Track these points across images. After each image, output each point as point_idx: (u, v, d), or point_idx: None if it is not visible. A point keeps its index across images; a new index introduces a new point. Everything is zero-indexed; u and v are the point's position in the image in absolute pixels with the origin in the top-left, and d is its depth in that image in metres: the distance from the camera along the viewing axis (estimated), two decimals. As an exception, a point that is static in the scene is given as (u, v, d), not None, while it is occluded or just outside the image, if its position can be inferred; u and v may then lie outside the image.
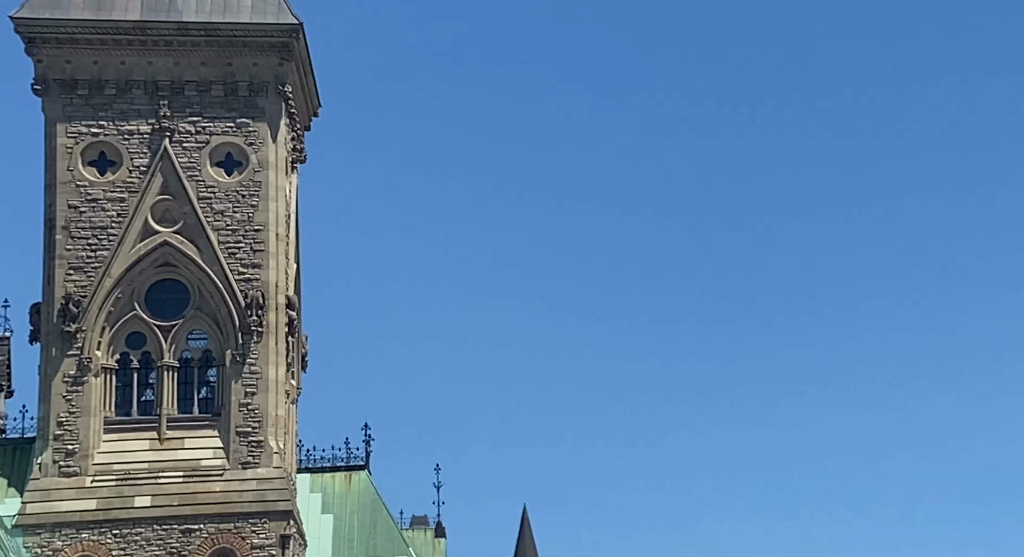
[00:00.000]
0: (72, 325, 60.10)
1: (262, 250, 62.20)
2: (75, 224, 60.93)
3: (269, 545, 59.53)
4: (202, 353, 61.99)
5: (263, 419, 60.90)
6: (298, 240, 66.67)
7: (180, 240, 61.47)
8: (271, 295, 62.16)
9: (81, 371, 60.21)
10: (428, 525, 73.25)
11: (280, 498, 59.97)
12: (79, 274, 60.74)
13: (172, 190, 61.71)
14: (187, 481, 59.51)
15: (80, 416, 59.85)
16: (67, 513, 58.36)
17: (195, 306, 61.64)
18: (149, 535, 58.76)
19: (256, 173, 62.65)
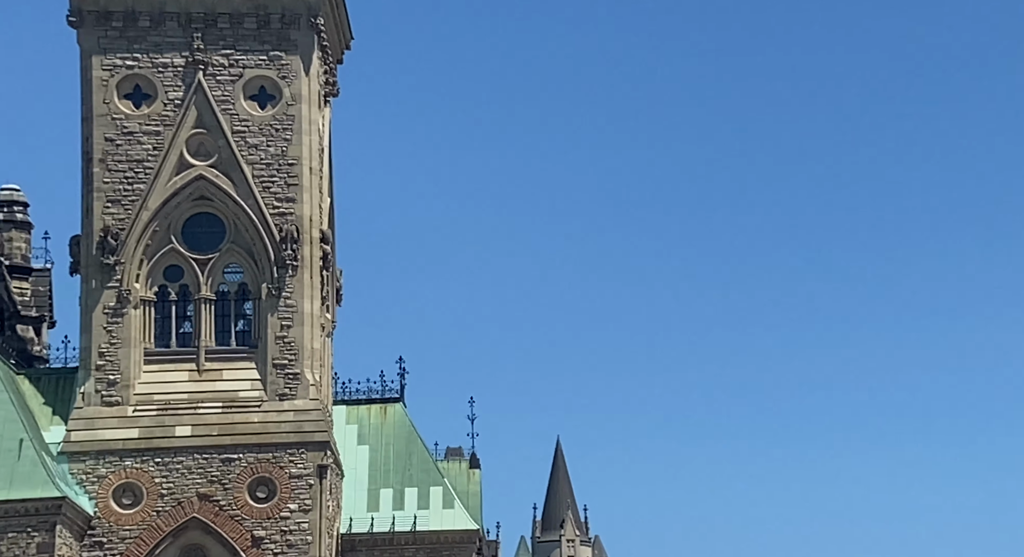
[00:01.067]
0: (111, 258, 61.73)
1: (296, 184, 63.57)
2: (112, 157, 62.41)
3: (307, 475, 61.30)
4: (238, 286, 63.59)
5: (299, 352, 62.53)
6: (331, 174, 68.00)
7: (215, 174, 62.87)
8: (305, 229, 63.58)
9: (121, 303, 61.91)
10: (462, 457, 74.96)
11: (317, 429, 61.68)
12: (116, 207, 62.31)
13: (206, 123, 63.06)
14: (226, 412, 61.26)
15: (121, 347, 61.61)
16: (110, 441, 60.27)
17: (231, 240, 63.15)
18: (190, 464, 60.62)
19: (289, 107, 63.92)
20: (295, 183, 63.62)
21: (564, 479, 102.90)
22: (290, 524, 60.74)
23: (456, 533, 66.23)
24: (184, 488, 60.43)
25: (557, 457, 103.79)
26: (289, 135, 63.79)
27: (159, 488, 60.37)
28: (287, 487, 60.93)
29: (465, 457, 74.78)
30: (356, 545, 65.38)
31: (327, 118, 68.06)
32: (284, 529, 60.64)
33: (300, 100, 64.01)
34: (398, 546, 65.69)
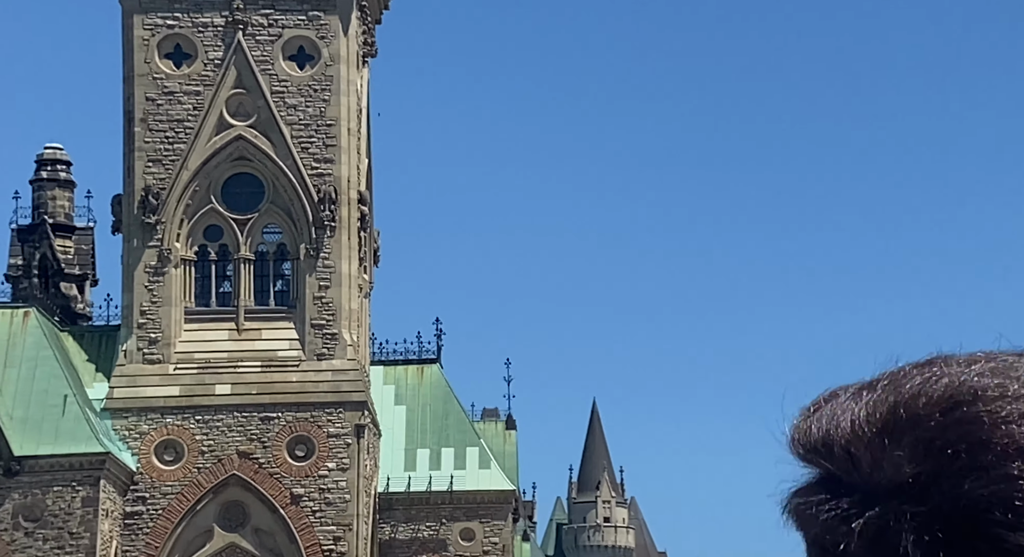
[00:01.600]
0: (152, 217, 62.85)
1: (334, 145, 64.43)
2: (152, 117, 63.42)
3: (344, 434, 62.37)
4: (277, 247, 64.61)
5: (337, 312, 63.54)
6: (369, 135, 68.80)
7: (254, 134, 63.79)
8: (343, 190, 64.47)
9: (161, 262, 63.05)
10: (498, 418, 75.97)
11: (354, 389, 62.72)
12: (157, 167, 63.36)
13: (246, 84, 63.92)
14: (265, 371, 62.39)
15: (162, 305, 62.79)
16: (151, 398, 61.53)
17: (269, 200, 64.11)
18: (230, 422, 61.82)
19: (328, 67, 64.69)
20: (333, 144, 64.47)
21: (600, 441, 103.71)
22: (328, 482, 61.86)
23: (492, 493, 67.24)
24: (224, 445, 61.65)
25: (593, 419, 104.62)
26: (327, 96, 64.58)
27: (200, 445, 61.62)
28: (325, 446, 62.02)
29: (501, 418, 75.78)
30: (393, 504, 66.49)
31: (365, 78, 68.77)
32: (322, 487, 61.78)
33: (339, 60, 64.77)
34: (435, 505, 66.76)
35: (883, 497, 1.31)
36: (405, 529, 66.55)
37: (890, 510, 1.30)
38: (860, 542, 1.30)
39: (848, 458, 1.32)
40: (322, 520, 61.41)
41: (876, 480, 1.31)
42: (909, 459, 1.31)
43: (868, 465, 1.31)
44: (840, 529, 1.31)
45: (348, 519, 61.67)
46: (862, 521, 1.30)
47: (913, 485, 1.31)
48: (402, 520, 66.57)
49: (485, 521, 67.07)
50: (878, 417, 1.33)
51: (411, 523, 66.63)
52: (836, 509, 1.31)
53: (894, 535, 1.30)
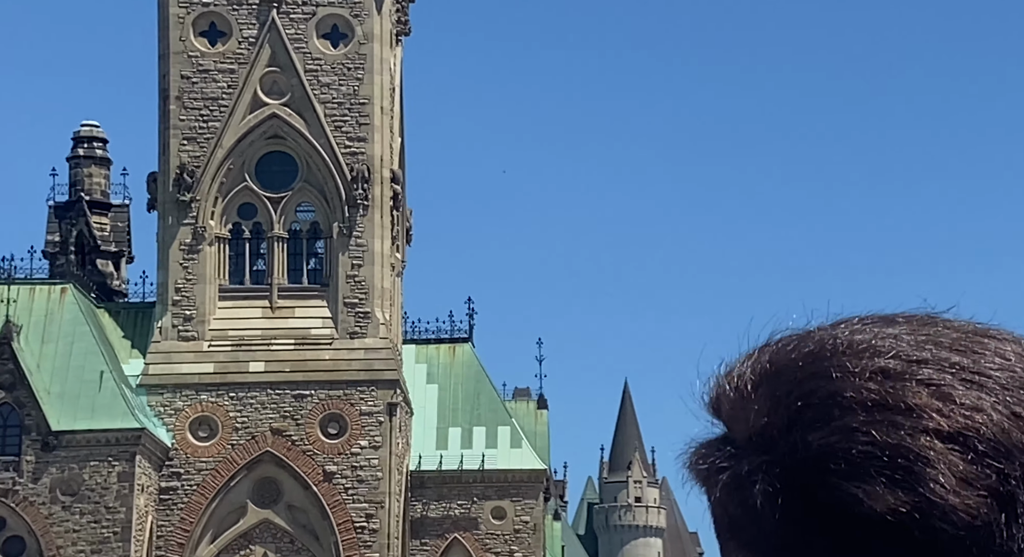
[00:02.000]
0: (187, 194, 63.75)
1: (367, 123, 65.16)
2: (188, 95, 64.26)
3: (377, 412, 63.23)
4: (310, 225, 65.43)
5: (369, 291, 64.36)
6: (402, 114, 69.49)
7: (288, 113, 64.57)
8: (376, 169, 65.22)
9: (196, 239, 63.97)
10: (530, 397, 76.70)
11: (387, 367, 63.55)
12: (192, 145, 64.22)
13: (280, 62, 64.69)
14: (298, 348, 63.28)
15: (196, 283, 63.72)
16: (186, 375, 62.51)
17: (303, 179, 64.92)
18: (263, 399, 62.76)
19: (361, 45, 65.38)
20: (366, 123, 65.19)
21: (632, 421, 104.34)
22: (360, 460, 62.74)
23: (524, 472, 68.00)
24: (258, 422, 62.59)
25: (625, 399, 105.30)
26: (361, 74, 65.28)
27: (233, 422, 62.57)
28: (358, 424, 62.89)
29: (533, 398, 76.53)
30: (425, 482, 67.34)
31: (399, 57, 69.41)
32: (355, 465, 62.67)
33: (372, 39, 65.43)
34: (466, 484, 67.57)
35: (741, 448, 1.37)
36: (436, 507, 67.40)
37: (746, 461, 1.36)
38: (724, 493, 1.38)
39: (727, 413, 1.39)
40: (354, 497, 62.30)
41: (739, 432, 1.38)
42: (763, 411, 1.37)
43: (735, 418, 1.38)
44: (712, 480, 1.39)
45: (380, 497, 62.55)
46: (728, 473, 1.37)
47: (765, 435, 1.36)
48: (433, 498, 67.40)
49: (516, 500, 67.85)
50: (755, 372, 1.40)
51: (442, 501, 67.48)
52: (711, 462, 1.39)
53: (748, 485, 1.36)
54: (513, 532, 67.71)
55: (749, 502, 1.35)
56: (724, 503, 1.38)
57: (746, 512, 1.35)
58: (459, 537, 67.36)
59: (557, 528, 79.57)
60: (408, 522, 66.14)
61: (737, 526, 1.37)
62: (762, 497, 1.35)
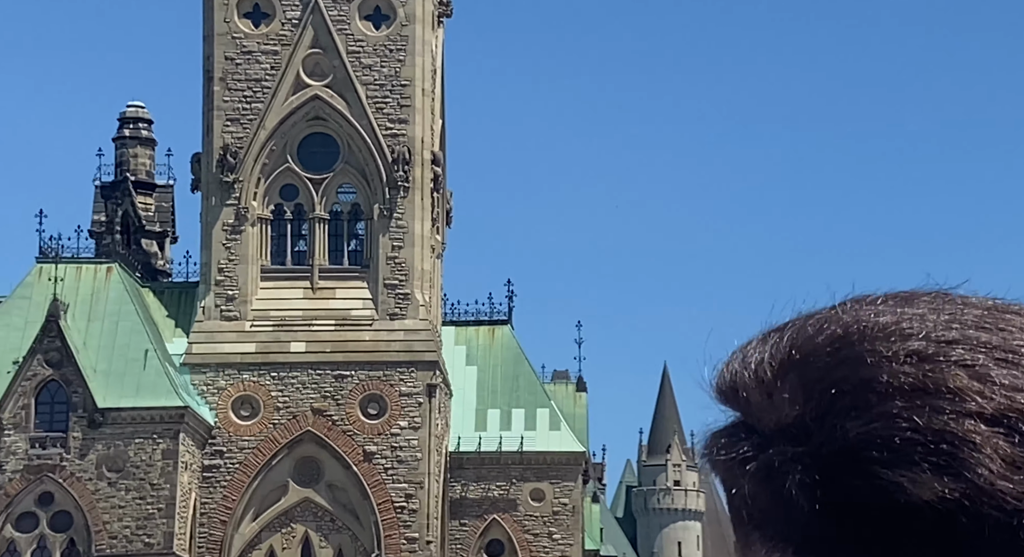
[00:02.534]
0: (230, 175, 64.99)
1: (408, 105, 66.20)
2: (231, 76, 65.46)
3: (416, 393, 64.39)
4: (351, 206, 66.60)
5: (409, 272, 65.49)
6: (443, 96, 70.45)
7: (330, 94, 65.69)
8: (417, 151, 66.27)
9: (239, 220, 65.24)
10: (569, 380, 77.64)
11: (426, 349, 64.68)
12: (235, 126, 65.43)
13: (322, 43, 65.78)
14: (338, 329, 64.51)
15: (239, 263, 65.01)
16: (229, 355, 63.83)
17: (344, 160, 66.06)
18: (304, 379, 64.04)
19: (403, 27, 66.38)
20: (408, 104, 66.21)
21: (671, 405, 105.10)
22: (400, 441, 63.91)
23: (562, 455, 69.00)
24: (299, 402, 63.87)
25: (664, 382, 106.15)
26: (403, 56, 66.27)
27: (275, 401, 63.87)
28: (397, 405, 64.06)
29: (572, 380, 77.49)
30: (464, 463, 68.45)
31: (440, 38, 70.32)
32: (394, 445, 63.85)
33: (414, 20, 66.40)
34: (505, 465, 68.64)
35: (772, 439, 1.33)
36: (475, 488, 68.48)
37: (776, 452, 1.32)
38: (752, 484, 1.34)
39: (748, 401, 1.35)
40: (394, 477, 63.48)
41: (766, 422, 1.34)
42: (794, 400, 1.33)
43: (761, 407, 1.34)
44: (736, 472, 1.35)
45: (419, 477, 63.70)
46: (755, 464, 1.33)
47: (797, 425, 1.32)
48: (472, 479, 68.47)
49: (555, 482, 68.84)
50: (776, 359, 1.35)
51: (481, 482, 68.54)
52: (735, 452, 1.34)
53: (780, 476, 1.32)
54: (552, 514, 68.71)
55: (782, 494, 1.32)
56: (752, 495, 1.35)
57: (777, 504, 1.33)
58: (498, 518, 68.45)
59: (596, 511, 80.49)
60: (447, 503, 67.28)
61: (765, 519, 1.34)
62: (797, 489, 1.32)
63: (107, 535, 59.54)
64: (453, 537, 67.75)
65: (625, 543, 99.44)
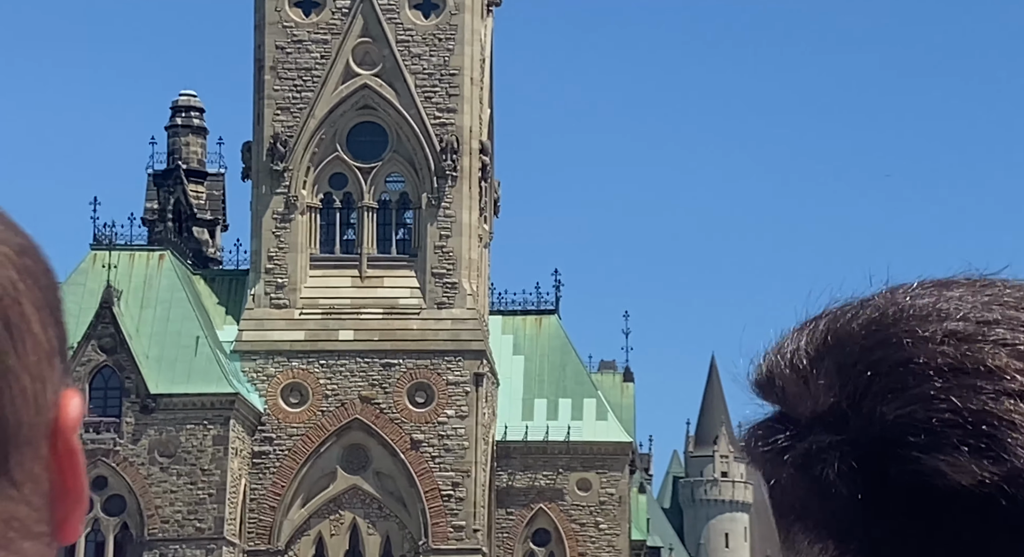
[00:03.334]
0: (280, 164, 66.43)
1: (457, 94, 67.44)
2: (282, 65, 66.88)
3: (463, 382, 65.70)
4: (399, 195, 67.94)
5: (457, 261, 66.76)
6: (492, 85, 71.62)
7: (379, 83, 67.02)
8: (465, 140, 67.50)
9: (288, 209, 66.70)
10: (616, 370, 78.70)
11: (474, 338, 65.97)
12: (285, 115, 66.86)
13: (372, 32, 67.08)
14: (386, 318, 65.90)
15: (288, 251, 66.49)
16: (278, 342, 65.35)
17: (392, 149, 67.39)
18: (352, 367, 65.47)
19: (453, 16, 67.58)
20: (456, 93, 67.43)
21: (719, 396, 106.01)
22: (447, 429, 65.22)
23: (609, 445, 70.10)
24: (347, 390, 65.30)
25: (712, 373, 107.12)
26: (452, 45, 67.47)
27: (323, 389, 65.34)
28: (444, 393, 65.38)
29: (619, 370, 78.56)
30: (510, 452, 69.66)
31: (489, 28, 71.44)
32: (441, 434, 65.17)
33: (463, 9, 67.56)
34: (551, 455, 69.81)
35: (809, 427, 1.32)
36: (522, 477, 69.68)
37: (813, 440, 1.31)
38: (790, 474, 1.32)
39: (784, 390, 1.34)
40: (441, 465, 64.79)
41: (803, 410, 1.33)
42: (830, 385, 1.31)
43: (797, 396, 1.33)
44: (775, 462, 1.33)
45: (466, 465, 64.99)
46: (792, 454, 1.32)
47: (833, 412, 1.31)
48: (519, 468, 69.67)
49: (601, 472, 69.94)
50: (812, 346, 1.34)
51: (528, 471, 69.72)
52: (773, 443, 1.33)
53: (817, 465, 1.30)
54: (598, 504, 69.80)
55: (820, 482, 1.30)
56: (790, 485, 1.33)
57: (816, 493, 1.31)
58: (544, 507, 69.62)
59: (642, 501, 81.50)
60: (494, 491, 68.55)
61: (805, 509, 1.32)
62: (835, 476, 1.29)
63: (159, 519, 61.26)
64: (499, 526, 69.00)
65: (672, 534, 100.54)
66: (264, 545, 63.90)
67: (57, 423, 1.22)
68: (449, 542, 64.42)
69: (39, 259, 1.20)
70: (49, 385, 1.19)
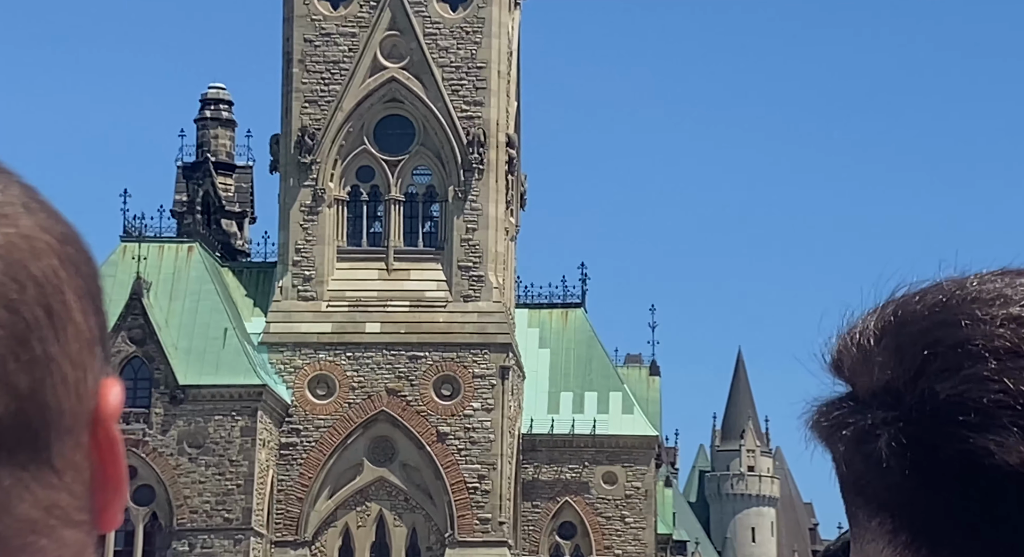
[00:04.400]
0: (308, 157, 67.30)
1: (484, 88, 68.19)
2: (310, 58, 67.73)
3: (489, 375, 66.49)
4: (426, 188, 68.73)
5: (483, 255, 67.54)
6: (519, 78, 72.36)
7: (406, 76, 67.81)
8: (492, 133, 68.25)
9: (316, 201, 67.57)
10: (642, 363, 79.40)
11: (500, 331, 66.75)
12: (313, 107, 67.72)
13: (399, 26, 67.87)
14: (413, 310, 66.72)
15: (316, 244, 67.36)
16: (305, 334, 66.25)
17: (420, 142, 68.19)
18: (379, 359, 66.33)
19: (480, 9, 68.32)
20: (483, 87, 68.18)
21: (745, 390, 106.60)
22: (473, 422, 66.02)
23: (635, 438, 70.80)
24: (373, 382, 66.16)
25: (739, 368, 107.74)
26: (479, 38, 68.21)
27: (350, 381, 66.22)
28: (470, 386, 66.18)
29: (645, 364, 79.24)
30: (536, 445, 70.42)
31: (516, 21, 72.16)
32: (468, 426, 65.99)
33: (491, 2, 68.27)
34: (577, 448, 70.55)
35: (867, 404, 1.36)
36: (548, 470, 70.44)
37: (870, 416, 1.35)
38: (848, 449, 1.36)
39: (849, 369, 1.38)
40: (467, 458, 65.60)
41: (863, 387, 1.36)
42: (888, 363, 1.35)
43: (858, 373, 1.37)
44: (834, 437, 1.37)
45: (492, 458, 65.79)
46: (850, 429, 1.35)
47: (890, 389, 1.35)
48: (545, 461, 70.42)
49: (627, 466, 70.64)
50: (878, 326, 1.38)
51: (554, 465, 70.48)
52: (834, 418, 1.37)
53: (872, 440, 1.34)
54: (624, 497, 70.49)
55: (874, 457, 1.33)
56: (849, 459, 1.36)
57: (871, 468, 1.34)
58: (570, 501, 70.38)
59: (668, 495, 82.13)
60: (520, 484, 69.33)
61: (863, 482, 1.36)
62: (887, 451, 1.32)
63: (188, 510, 62.27)
64: (525, 519, 69.78)
65: (698, 528, 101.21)
66: (291, 536, 64.84)
67: (98, 411, 1.24)
68: (475, 534, 65.23)
69: (81, 248, 1.24)
70: (90, 373, 1.22)
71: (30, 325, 1.17)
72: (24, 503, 1.18)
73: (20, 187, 1.21)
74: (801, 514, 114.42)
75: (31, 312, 1.17)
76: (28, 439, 1.17)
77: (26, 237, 1.19)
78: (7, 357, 1.16)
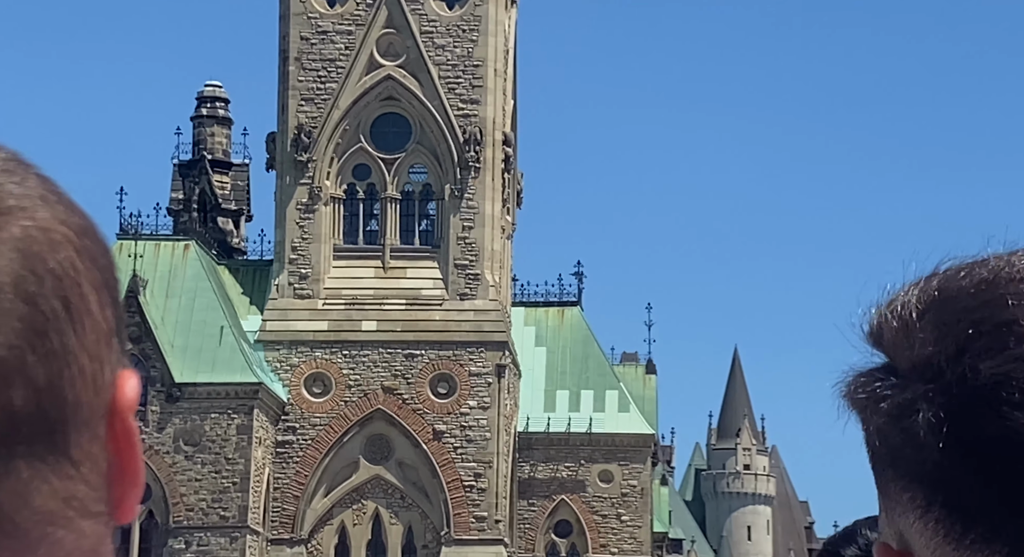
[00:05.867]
0: (304, 155, 67.51)
1: (480, 86, 68.39)
2: (306, 56, 67.92)
3: (486, 373, 66.71)
4: (422, 186, 68.94)
5: (479, 253, 67.75)
6: (515, 76, 72.56)
7: (403, 74, 68.01)
8: (488, 131, 68.46)
9: (312, 199, 67.79)
10: (638, 362, 79.62)
11: (496, 329, 66.96)
12: (310, 105, 67.92)
13: (396, 24, 68.07)
14: (409, 308, 66.95)
15: (312, 242, 67.57)
16: (301, 332, 66.47)
17: (416, 140, 68.39)
18: (375, 357, 66.55)
19: (477, 7, 68.51)
20: (480, 85, 68.38)
21: (741, 388, 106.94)
22: (469, 420, 66.25)
23: (631, 436, 71.02)
24: (370, 380, 66.39)
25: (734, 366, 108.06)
26: (475, 36, 68.41)
27: (347, 379, 66.44)
28: (467, 384, 66.41)
29: (641, 362, 79.47)
30: (532, 443, 70.66)
31: (513, 19, 72.35)
32: (464, 424, 66.21)
33: (487, 0, 68.49)
34: (574, 446, 70.77)
35: (907, 377, 1.35)
36: (544, 468, 70.67)
37: (909, 389, 1.34)
38: (884, 421, 1.35)
39: (890, 341, 1.37)
40: (463, 456, 65.84)
41: (903, 361, 1.36)
42: (930, 338, 1.35)
43: (899, 347, 1.36)
44: (871, 409, 1.37)
45: (488, 456, 66.01)
46: (888, 402, 1.35)
47: (931, 364, 1.34)
48: (541, 459, 70.65)
49: (623, 464, 70.88)
50: (921, 300, 1.37)
51: (550, 463, 70.70)
52: (872, 390, 1.37)
53: (910, 414, 1.34)
54: (620, 496, 70.72)
55: (912, 431, 1.33)
56: (884, 432, 1.36)
57: (907, 441, 1.34)
58: (566, 499, 70.60)
59: (664, 493, 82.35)
60: (516, 482, 69.56)
61: (897, 455, 1.36)
62: (925, 426, 1.32)
63: (184, 507, 62.49)
64: (521, 517, 70.01)
65: (694, 526, 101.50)
66: (287, 534, 65.07)
67: (114, 403, 1.24)
68: (471, 533, 65.45)
69: (98, 240, 1.25)
70: (107, 365, 1.23)
71: (48, 318, 1.19)
72: (42, 494, 1.20)
73: (38, 179, 1.23)
74: (797, 512, 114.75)
75: (49, 305, 1.19)
76: (46, 431, 1.19)
77: (44, 230, 1.20)
78: (25, 350, 1.17)
